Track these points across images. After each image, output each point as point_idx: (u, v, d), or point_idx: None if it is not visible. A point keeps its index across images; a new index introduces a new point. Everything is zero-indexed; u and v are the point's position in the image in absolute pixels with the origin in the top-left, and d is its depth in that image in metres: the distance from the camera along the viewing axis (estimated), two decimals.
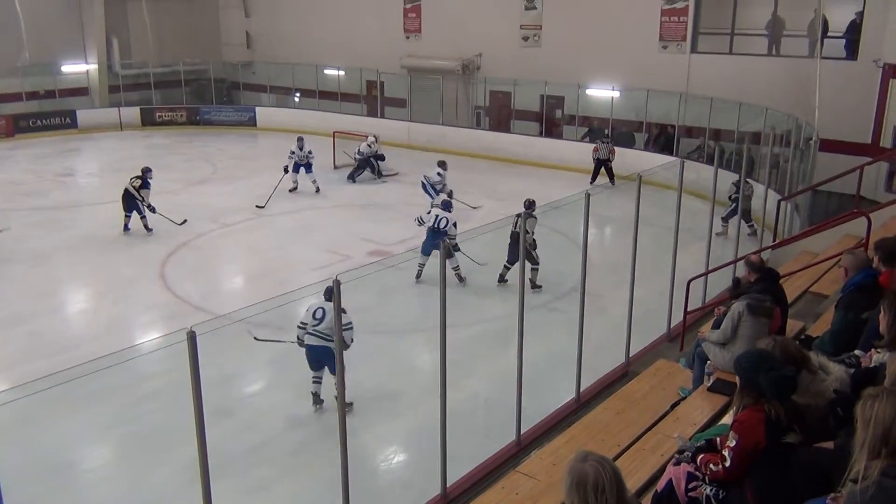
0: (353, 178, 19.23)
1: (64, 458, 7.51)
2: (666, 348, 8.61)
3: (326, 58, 26.08)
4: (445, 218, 12.11)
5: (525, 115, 22.52)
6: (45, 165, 21.01)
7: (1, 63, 24.44)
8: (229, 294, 12.19)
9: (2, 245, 13.92)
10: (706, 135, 18.50)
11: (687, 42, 19.59)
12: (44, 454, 7.36)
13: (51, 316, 11.10)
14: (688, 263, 9.89)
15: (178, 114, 27.06)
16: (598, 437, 5.96)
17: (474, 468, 6.57)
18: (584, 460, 2.86)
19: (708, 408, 6.00)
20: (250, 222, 15.69)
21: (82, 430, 8.09)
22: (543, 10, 21.94)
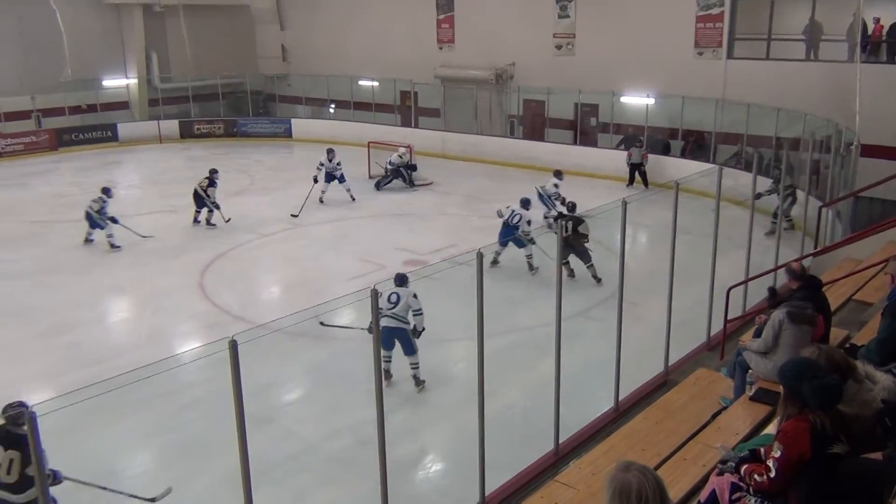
0: (379, 186, 19.41)
1: (107, 465, 7.62)
2: (706, 357, 8.50)
3: (361, 69, 26.33)
4: (520, 215, 13.01)
5: (559, 124, 22.48)
6: (87, 178, 21.41)
7: (45, 79, 25.11)
8: (267, 303, 12.32)
9: (46, 257, 14.24)
10: (743, 141, 18.28)
11: (723, 48, 19.39)
12: (87, 462, 7.47)
13: (93, 325, 11.31)
14: (727, 271, 9.75)
15: (216, 126, 27.49)
16: (638, 447, 5.90)
17: (513, 477, 6.54)
18: (627, 470, 2.83)
19: (750, 417, 5.91)
20: (287, 232, 15.85)
21: (125, 439, 8.21)
22: (577, 19, 21.91)
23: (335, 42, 27.60)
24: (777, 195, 14.01)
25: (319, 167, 17.86)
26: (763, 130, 17.53)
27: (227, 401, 4.72)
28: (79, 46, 25.53)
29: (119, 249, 14.71)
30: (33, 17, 24.81)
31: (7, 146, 23.97)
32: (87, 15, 26.22)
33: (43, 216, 17.26)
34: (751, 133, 18.04)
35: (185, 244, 14.90)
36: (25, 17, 24.79)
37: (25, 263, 13.78)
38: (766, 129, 17.27)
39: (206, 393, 8.40)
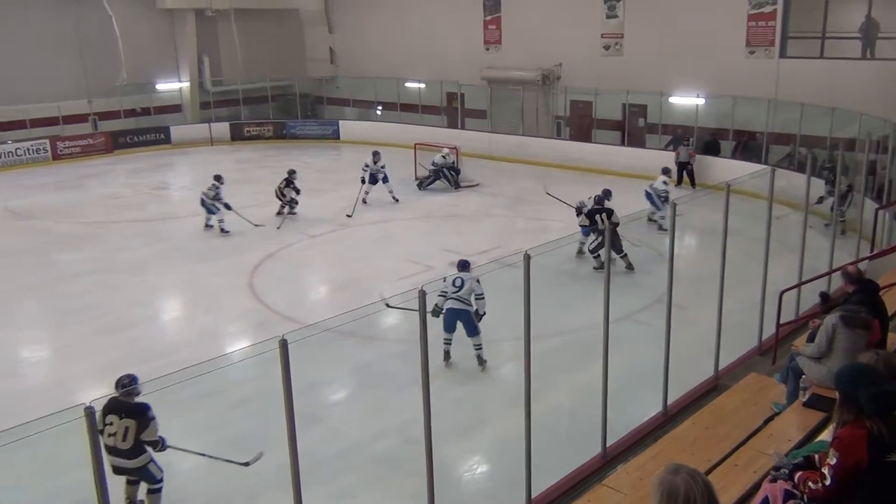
0: (422, 186, 19.53)
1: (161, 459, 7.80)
2: (757, 362, 8.36)
3: (407, 71, 26.48)
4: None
5: (606, 125, 22.31)
6: (141, 179, 22.00)
7: (101, 83, 25.87)
8: (315, 303, 12.48)
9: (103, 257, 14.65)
10: (796, 142, 17.91)
11: (775, 47, 19.02)
12: None
13: (148, 323, 11.60)
14: (779, 274, 9.58)
15: (265, 128, 27.93)
16: (687, 452, 5.82)
17: (559, 480, 6.52)
18: (676, 472, 2.80)
19: (803, 424, 5.79)
20: (335, 233, 16.03)
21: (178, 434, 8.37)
22: (625, 19, 21.71)
23: (382, 44, 27.82)
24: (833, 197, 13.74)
25: (365, 168, 18.05)
26: (817, 131, 17.15)
27: (276, 399, 4.80)
28: (134, 51, 26.19)
29: (228, 234, 15.76)
30: (91, 24, 25.52)
31: (65, 148, 24.71)
32: (142, 20, 26.88)
33: (99, 217, 17.75)
34: (804, 133, 17.68)
35: (236, 245, 15.17)
36: (83, 23, 25.51)
37: (83, 264, 14.20)
38: (821, 129, 16.89)
39: (255, 391, 8.55)
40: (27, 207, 18.78)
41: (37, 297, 12.83)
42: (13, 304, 12.55)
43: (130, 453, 6.41)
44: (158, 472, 6.66)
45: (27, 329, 11.77)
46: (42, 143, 24.25)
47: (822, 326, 6.09)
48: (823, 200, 14.59)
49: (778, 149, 18.78)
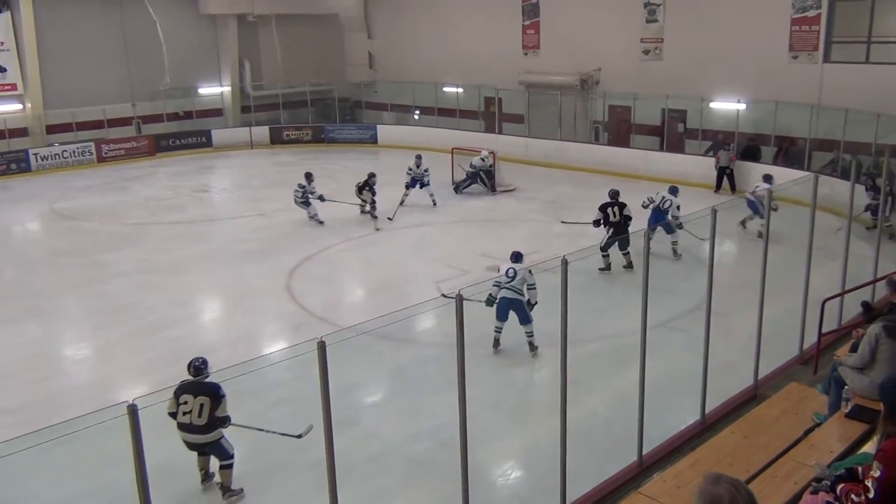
0: (458, 189, 19.53)
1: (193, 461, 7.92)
2: (798, 371, 8.22)
3: (445, 76, 26.56)
4: (670, 200, 13.89)
5: (645, 130, 22.11)
6: (182, 182, 22.37)
7: (145, 87, 26.46)
8: (351, 306, 12.57)
9: (145, 257, 14.93)
10: (840, 148, 17.57)
11: (819, 51, 18.68)
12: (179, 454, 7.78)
13: (187, 323, 11.78)
14: (821, 283, 9.41)
15: (304, 132, 28.21)
16: (725, 462, 5.76)
17: (594, 487, 6.48)
18: (717, 482, 2.76)
19: (846, 435, 5.69)
20: (372, 237, 16.12)
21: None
22: (665, 23, 21.51)
23: (421, 49, 27.94)
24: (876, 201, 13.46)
25: (409, 172, 18.20)
26: (862, 137, 16.80)
27: (312, 401, 4.84)
28: (177, 56, 26.70)
29: (323, 225, 16.69)
30: (136, 29, 26.09)
31: (110, 151, 25.24)
32: (186, 26, 27.38)
33: (142, 218, 18.08)
34: (848, 139, 17.33)
35: (274, 247, 15.34)
36: (129, 28, 26.10)
37: (126, 264, 14.48)
38: (865, 135, 16.54)
39: (291, 392, 8.63)
40: (73, 209, 19.22)
41: (81, 296, 13.11)
42: (58, 302, 12.85)
43: (205, 429, 6.95)
44: (230, 447, 7.17)
45: (71, 328, 12.04)
46: (87, 145, 24.82)
47: (866, 336, 5.98)
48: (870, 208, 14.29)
49: (821, 155, 18.45)
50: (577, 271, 6.02)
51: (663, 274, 12.16)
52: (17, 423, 7.95)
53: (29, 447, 4.07)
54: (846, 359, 6.18)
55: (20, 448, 4.01)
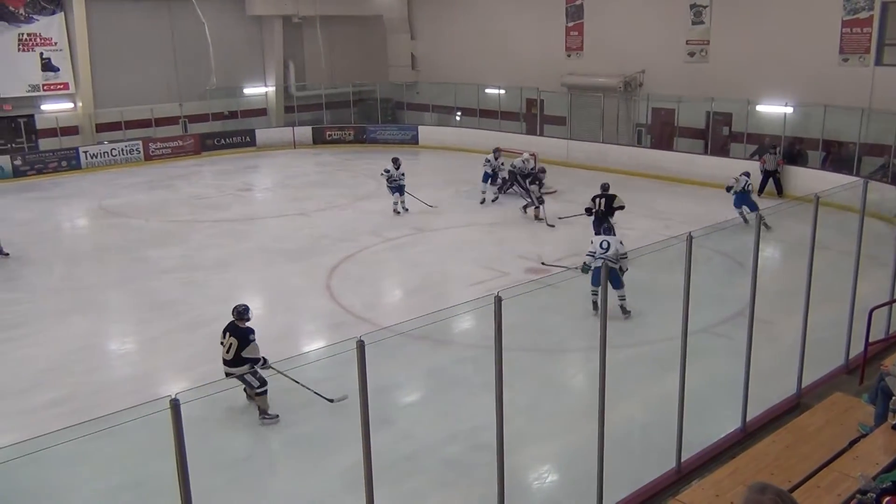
0: (501, 191, 19.42)
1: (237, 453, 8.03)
2: (843, 381, 8.05)
3: (488, 77, 26.54)
4: (750, 184, 15.70)
5: (689, 133, 21.84)
6: (226, 180, 22.71)
7: (193, 87, 26.95)
8: (390, 306, 12.63)
9: (188, 254, 15.19)
10: (891, 153, 17.13)
11: (871, 54, 18.25)
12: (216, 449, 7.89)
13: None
14: (868, 291, 9.19)
15: (346, 132, 28.43)
16: (766, 471, 5.65)
17: (631, 493, 6.41)
18: (763, 492, 2.70)
19: (893, 447, 5.55)
20: (411, 237, 16.17)
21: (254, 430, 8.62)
22: (711, 25, 21.22)
23: (463, 51, 27.97)
24: None
25: (486, 163, 18.77)
26: None
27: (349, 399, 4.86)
28: (223, 57, 27.14)
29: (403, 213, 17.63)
30: (184, 31, 26.58)
31: (157, 150, 25.73)
32: (232, 27, 27.80)
33: (186, 216, 18.40)
34: None
35: (314, 246, 15.48)
36: (177, 30, 26.60)
37: (170, 261, 14.74)
38: None
39: (328, 390, 8.69)
40: (120, 206, 19.63)
41: (126, 291, 13.37)
42: (104, 297, 13.12)
43: (232, 363, 8.30)
44: (255, 381, 8.26)
45: (116, 322, 12.29)
46: (135, 144, 25.33)
47: None
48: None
49: (870, 160, 18.01)
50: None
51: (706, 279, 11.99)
52: (63, 415, 8.17)
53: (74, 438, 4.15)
54: (893, 369, 6.02)
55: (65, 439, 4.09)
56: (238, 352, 8.25)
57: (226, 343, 8.35)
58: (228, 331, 8.39)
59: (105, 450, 7.54)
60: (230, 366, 8.31)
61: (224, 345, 8.37)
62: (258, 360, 8.23)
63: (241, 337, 8.27)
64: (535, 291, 9.35)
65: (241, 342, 8.25)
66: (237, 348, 8.25)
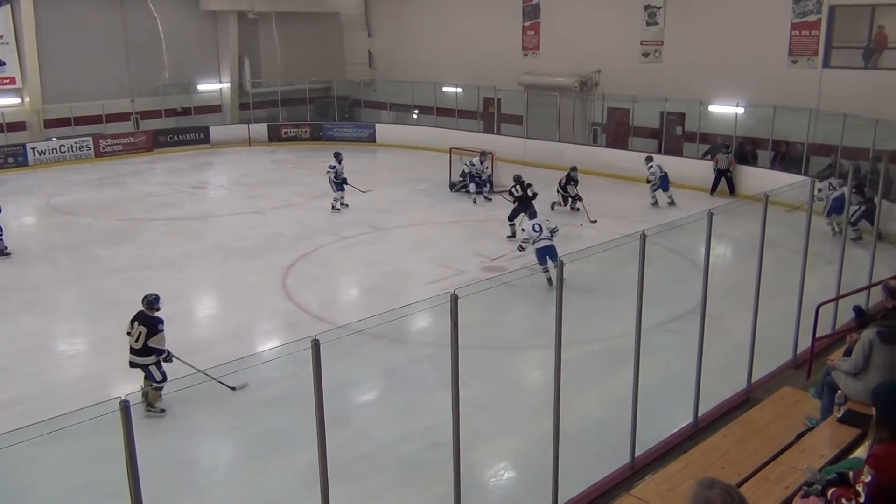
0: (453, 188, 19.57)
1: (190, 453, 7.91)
2: (791, 376, 8.21)
3: (445, 75, 26.56)
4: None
5: (643, 132, 22.14)
6: (179, 178, 22.34)
7: (144, 83, 26.44)
8: (347, 305, 12.56)
9: (140, 253, 14.90)
10: (838, 153, 17.57)
11: (819, 56, 18.71)
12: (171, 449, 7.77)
13: (182, 320, 11.68)
14: (816, 287, 9.41)
15: (303, 130, 28.21)
16: (717, 465, 5.75)
17: (586, 489, 6.46)
18: (711, 487, 2.74)
19: (838, 440, 5.68)
20: (367, 235, 16.11)
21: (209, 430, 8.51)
22: (665, 26, 21.53)
23: (421, 49, 27.94)
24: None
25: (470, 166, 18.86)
26: (859, 142, 16.81)
27: (305, 398, 4.82)
28: (176, 52, 26.69)
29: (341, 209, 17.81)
30: (135, 25, 26.08)
31: (108, 146, 25.22)
32: (186, 22, 27.37)
33: (138, 214, 18.05)
34: (846, 145, 17.34)
35: (270, 244, 15.32)
36: (128, 24, 26.09)
37: (121, 260, 14.46)
38: (863, 140, 16.56)
39: (285, 390, 8.63)
40: (69, 203, 19.19)
41: (75, 291, 13.09)
42: (53, 297, 12.82)
43: (139, 353, 8.44)
44: (159, 375, 8.50)
45: (66, 322, 12.01)
46: (85, 140, 24.78)
47: (859, 342, 5.97)
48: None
49: (818, 160, 18.47)
50: (573, 273, 6.01)
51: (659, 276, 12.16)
52: (11, 417, 7.92)
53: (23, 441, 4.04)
54: (839, 363, 6.17)
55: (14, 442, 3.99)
56: (146, 340, 8.37)
57: (134, 332, 8.44)
58: (137, 320, 8.50)
59: (55, 452, 7.38)
60: (138, 355, 8.45)
61: (132, 334, 8.45)
62: (163, 352, 8.45)
63: (151, 326, 8.39)
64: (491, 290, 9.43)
65: (151, 331, 8.37)
66: (146, 336, 8.36)
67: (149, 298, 8.55)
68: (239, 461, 8.05)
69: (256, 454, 7.94)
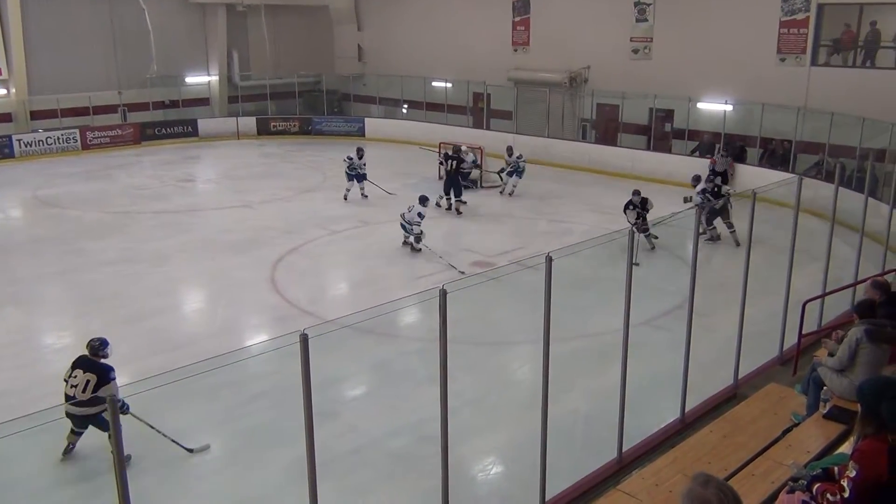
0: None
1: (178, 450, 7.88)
2: (778, 372, 8.28)
3: (435, 70, 26.51)
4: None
5: (632, 129, 22.18)
6: (167, 171, 22.21)
7: (132, 75, 26.24)
8: (335, 299, 12.55)
9: (128, 246, 14.82)
10: (825, 151, 17.68)
11: (807, 55, 18.80)
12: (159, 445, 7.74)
13: (170, 314, 11.70)
14: (802, 284, 9.48)
15: (292, 124, 28.10)
16: (704, 460, 5.79)
17: (574, 483, 6.50)
18: (706, 485, 2.71)
19: (823, 436, 5.74)
20: (356, 230, 16.09)
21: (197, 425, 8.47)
22: (655, 23, 21.57)
23: (410, 43, 27.87)
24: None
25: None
26: (847, 140, 16.90)
27: (293, 393, 4.82)
28: (164, 44, 26.50)
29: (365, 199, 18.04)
30: (123, 16, 25.87)
31: (95, 139, 25.01)
32: (174, 14, 27.16)
33: (126, 207, 17.94)
34: (833, 143, 17.44)
35: (258, 238, 15.26)
36: (116, 15, 25.85)
37: (108, 253, 14.36)
38: (851, 139, 16.65)
39: (273, 385, 8.60)
40: (56, 196, 19.04)
41: (62, 284, 12.99)
42: (40, 290, 12.72)
43: (87, 403, 7.25)
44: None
45: (52, 316, 11.93)
46: (72, 132, 24.58)
47: (846, 340, 6.03)
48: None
49: (806, 157, 18.58)
50: (562, 269, 6.02)
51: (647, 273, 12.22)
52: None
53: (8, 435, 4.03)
54: (826, 360, 6.23)
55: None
56: (95, 390, 7.28)
57: (80, 380, 7.33)
58: (81, 367, 7.43)
59: (41, 447, 7.34)
60: (85, 405, 7.28)
61: (76, 382, 7.34)
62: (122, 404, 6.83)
63: (101, 374, 7.35)
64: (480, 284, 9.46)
65: (101, 380, 7.33)
66: (95, 386, 7.28)
67: (93, 344, 7.56)
68: (226, 456, 8.02)
69: (244, 449, 7.93)
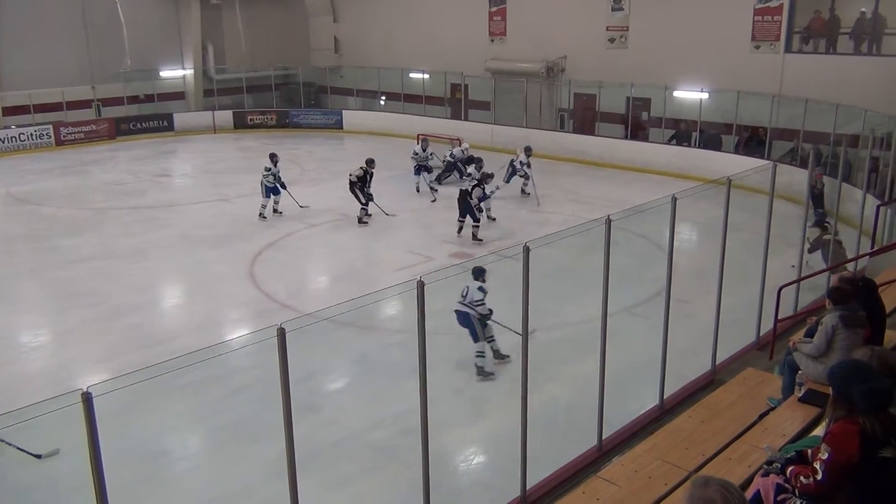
0: (440, 181, 19.02)
1: (157, 446, 7.85)
2: (754, 357, 8.37)
3: (412, 61, 26.43)
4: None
5: (610, 118, 22.26)
6: (143, 166, 22.01)
7: (105, 69, 25.92)
8: (315, 293, 12.51)
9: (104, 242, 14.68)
10: (800, 137, 17.86)
11: (781, 42, 18.95)
12: (138, 441, 7.70)
13: (148, 310, 11.62)
14: (779, 270, 9.58)
15: (269, 117, 27.92)
16: (682, 446, 5.84)
17: (555, 471, 6.54)
18: (706, 486, 2.70)
19: (798, 419, 5.80)
20: (335, 223, 16.03)
21: (176, 420, 8.44)
22: (631, 12, 21.63)
23: (387, 34, 27.76)
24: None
25: (413, 156, 18.31)
26: (821, 126, 17.08)
27: (275, 387, 4.81)
28: (138, 38, 26.19)
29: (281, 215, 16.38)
30: (95, 9, 25.54)
31: (69, 134, 24.72)
32: (147, 7, 26.88)
33: (101, 203, 17.77)
34: (808, 129, 17.61)
35: (237, 233, 15.18)
36: (88, 9, 25.52)
37: (85, 249, 14.23)
38: (825, 125, 16.83)
39: (254, 379, 8.58)
40: (30, 193, 18.81)
41: (38, 281, 12.86)
42: (14, 288, 12.59)
43: None
44: None
45: (28, 314, 11.80)
46: (45, 128, 24.27)
47: (822, 327, 6.09)
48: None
49: (781, 144, 18.75)
50: (541, 258, 6.04)
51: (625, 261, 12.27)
52: None
53: None
54: (802, 346, 6.29)
55: None
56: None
57: None
58: None
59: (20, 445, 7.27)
60: None
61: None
62: None
63: None
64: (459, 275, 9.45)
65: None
66: None
67: None
68: (206, 451, 8.00)
69: (225, 444, 7.90)
